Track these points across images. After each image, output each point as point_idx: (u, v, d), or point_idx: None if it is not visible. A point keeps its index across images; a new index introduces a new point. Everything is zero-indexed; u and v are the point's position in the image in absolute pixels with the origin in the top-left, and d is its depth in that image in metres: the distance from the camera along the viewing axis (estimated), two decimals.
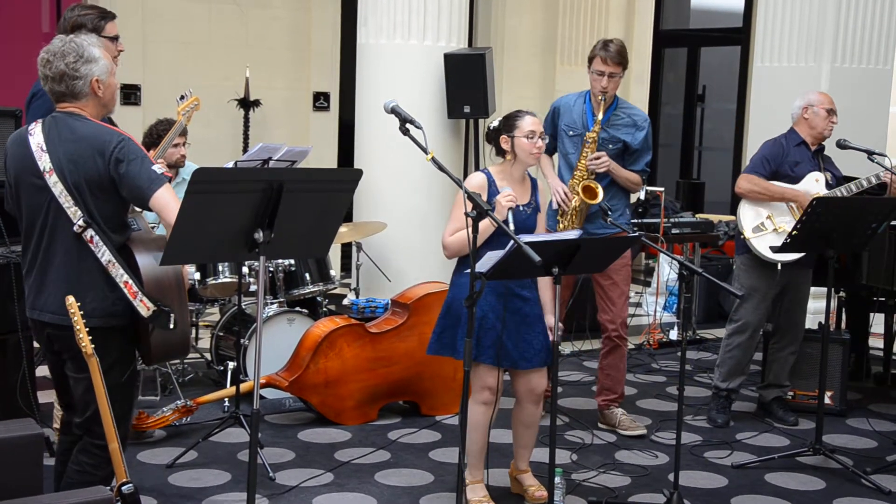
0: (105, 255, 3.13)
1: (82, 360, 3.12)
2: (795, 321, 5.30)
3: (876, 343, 6.32)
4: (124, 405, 3.31)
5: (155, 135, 5.48)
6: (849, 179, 5.14)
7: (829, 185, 5.10)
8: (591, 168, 4.84)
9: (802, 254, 4.91)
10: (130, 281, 3.12)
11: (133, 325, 3.23)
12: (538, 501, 4.15)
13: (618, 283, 5.02)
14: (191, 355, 5.90)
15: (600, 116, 4.85)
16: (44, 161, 3.13)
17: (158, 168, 3.13)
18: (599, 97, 4.86)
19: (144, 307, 3.11)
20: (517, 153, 4.02)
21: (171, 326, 3.14)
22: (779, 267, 5.05)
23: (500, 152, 4.08)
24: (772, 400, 5.37)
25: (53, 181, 3.12)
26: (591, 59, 4.92)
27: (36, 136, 3.18)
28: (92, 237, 3.12)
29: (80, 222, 3.11)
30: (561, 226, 4.89)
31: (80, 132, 3.15)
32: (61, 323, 3.16)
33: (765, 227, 5.09)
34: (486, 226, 3.67)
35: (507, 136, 4.02)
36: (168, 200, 3.08)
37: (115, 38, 4.21)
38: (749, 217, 5.14)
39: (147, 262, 3.16)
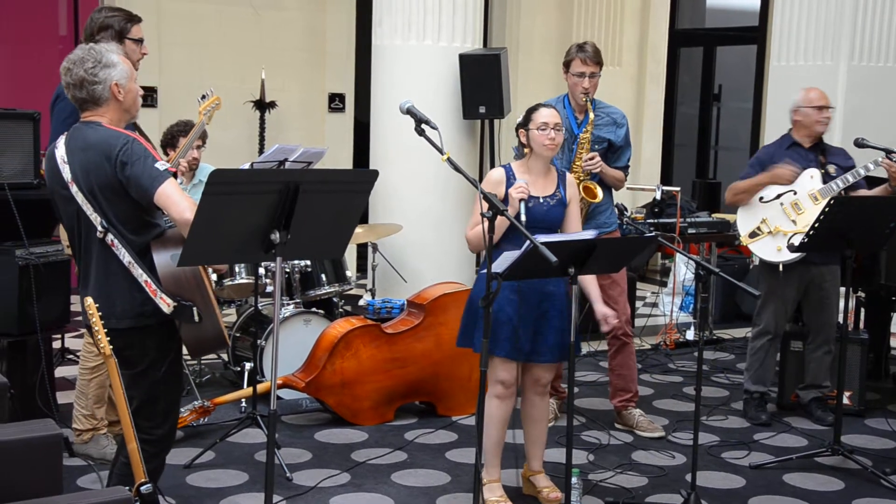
0: (125, 257, 3.19)
1: (126, 360, 3.23)
2: (823, 320, 5.26)
3: (895, 343, 6.29)
4: (168, 399, 3.39)
5: (169, 136, 5.51)
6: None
7: (830, 178, 5.09)
8: (586, 169, 4.84)
9: (802, 254, 4.89)
10: (150, 279, 3.18)
11: (170, 321, 3.26)
12: (553, 502, 4.14)
13: (616, 281, 5.01)
14: (208, 356, 5.94)
15: (592, 116, 4.87)
16: (66, 172, 3.21)
17: (161, 165, 3.15)
18: (583, 99, 4.87)
19: (165, 304, 3.17)
20: (532, 146, 4.03)
21: (196, 320, 3.18)
22: (780, 269, 5.05)
23: (522, 146, 4.10)
24: (810, 400, 5.35)
25: (75, 191, 3.20)
26: (568, 63, 4.93)
27: (60, 148, 3.26)
28: (112, 241, 3.19)
29: (101, 227, 3.19)
30: None
31: (91, 140, 3.21)
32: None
33: (760, 230, 5.09)
34: (501, 221, 3.67)
35: (523, 129, 4.04)
36: (170, 195, 3.10)
37: (139, 41, 4.25)
38: (744, 223, 5.16)
39: (164, 259, 3.20)
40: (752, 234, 5.10)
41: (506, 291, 3.93)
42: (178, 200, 3.09)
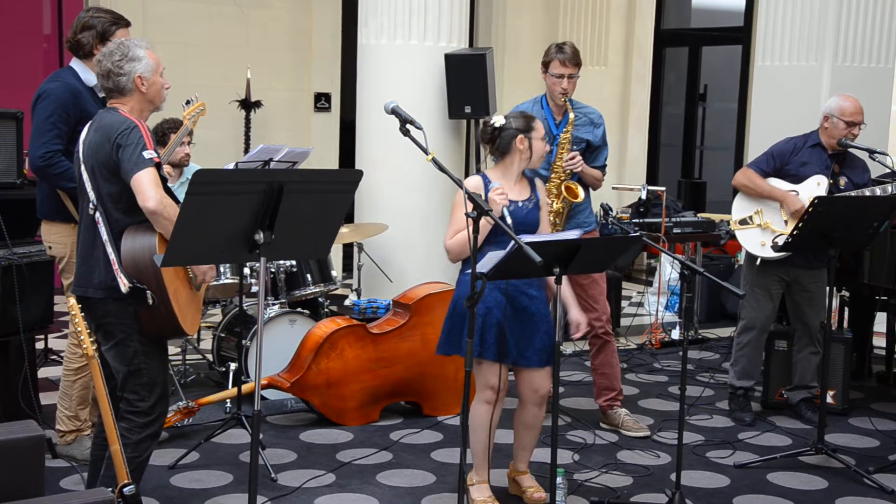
0: (104, 234, 3.40)
1: (105, 331, 3.46)
2: (805, 321, 5.25)
3: (878, 342, 6.32)
4: (151, 372, 3.52)
5: (160, 133, 5.50)
6: (877, 183, 5.15)
7: (837, 190, 5.08)
8: (566, 168, 4.85)
9: (783, 254, 4.91)
10: (115, 259, 3.38)
11: None
12: (537, 502, 4.14)
13: (597, 281, 5.02)
14: (192, 356, 5.92)
15: (572, 116, 4.87)
16: (81, 151, 3.47)
17: (148, 153, 3.32)
18: (562, 100, 4.87)
19: (122, 283, 3.38)
20: (533, 154, 4.03)
21: (150, 303, 3.38)
22: (757, 262, 5.10)
23: (502, 151, 4.06)
24: (799, 401, 5.37)
25: (83, 168, 3.45)
26: (547, 64, 4.92)
27: (84, 130, 3.51)
28: (98, 219, 3.41)
29: (91, 204, 3.40)
30: None
31: (104, 122, 3.43)
32: (81, 294, 3.46)
33: (751, 220, 5.13)
34: (483, 224, 3.67)
35: (525, 136, 4.02)
36: (142, 182, 3.29)
37: None
38: (739, 208, 5.22)
39: (129, 242, 3.40)
40: (743, 222, 5.14)
41: (495, 293, 3.93)
42: (146, 189, 3.27)
